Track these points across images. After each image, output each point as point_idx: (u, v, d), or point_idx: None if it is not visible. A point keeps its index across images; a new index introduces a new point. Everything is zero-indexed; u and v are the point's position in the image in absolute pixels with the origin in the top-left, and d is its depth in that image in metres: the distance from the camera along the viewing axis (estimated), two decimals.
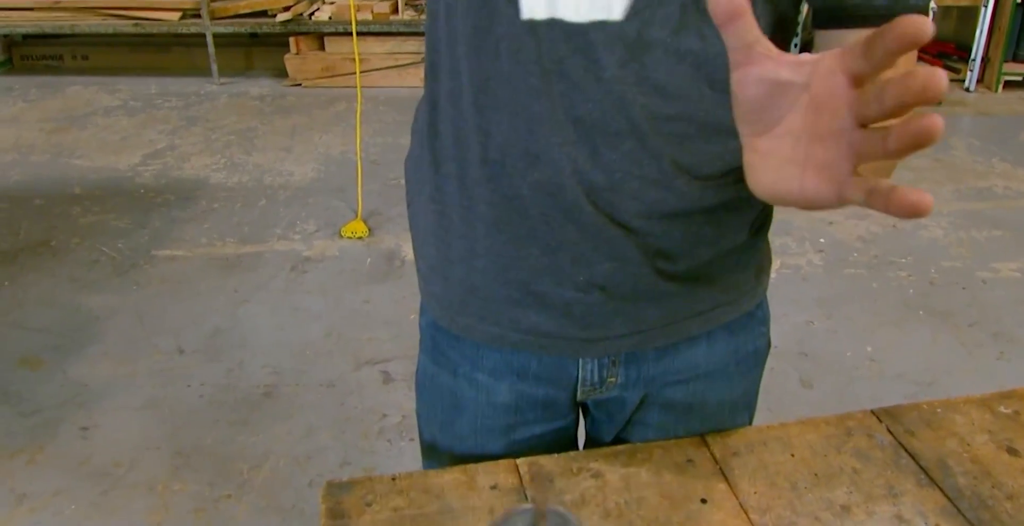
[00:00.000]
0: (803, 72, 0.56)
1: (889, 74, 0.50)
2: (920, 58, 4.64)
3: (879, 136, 0.51)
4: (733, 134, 0.65)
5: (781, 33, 0.86)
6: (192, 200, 3.39)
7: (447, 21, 0.86)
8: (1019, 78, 4.59)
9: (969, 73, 4.62)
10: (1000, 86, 4.59)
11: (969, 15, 4.66)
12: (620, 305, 0.91)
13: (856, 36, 0.80)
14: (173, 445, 2.11)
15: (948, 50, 4.79)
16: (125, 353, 2.46)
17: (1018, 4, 4.48)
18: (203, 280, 2.83)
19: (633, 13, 0.78)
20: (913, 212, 0.49)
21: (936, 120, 0.47)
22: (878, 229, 3.09)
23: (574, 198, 0.85)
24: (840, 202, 0.56)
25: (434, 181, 0.93)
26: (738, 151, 0.65)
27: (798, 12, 0.87)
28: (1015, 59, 4.65)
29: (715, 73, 0.81)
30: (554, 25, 0.79)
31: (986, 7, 4.50)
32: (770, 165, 0.60)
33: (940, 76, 0.46)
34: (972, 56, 4.60)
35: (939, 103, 4.27)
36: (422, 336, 1.03)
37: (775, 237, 2.74)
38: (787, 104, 0.57)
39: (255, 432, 2.15)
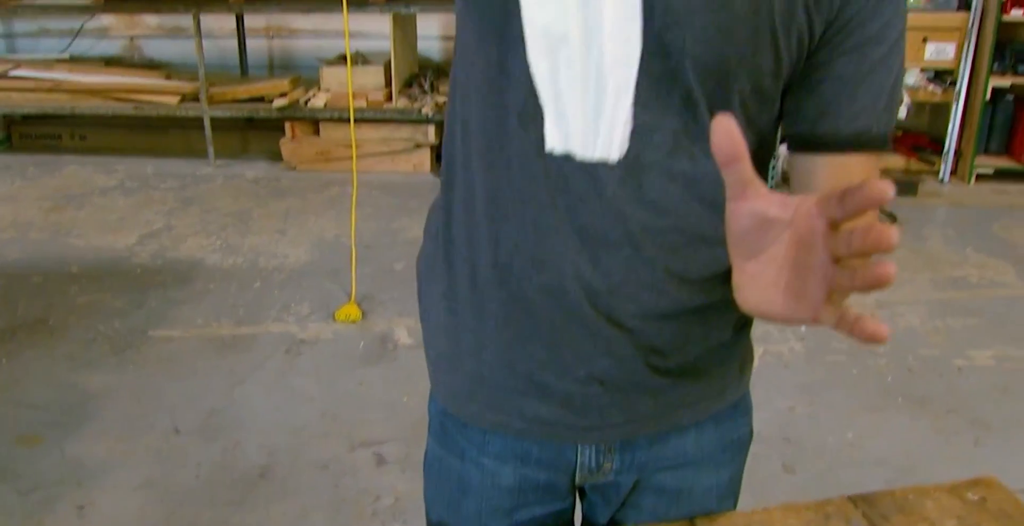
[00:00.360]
0: (788, 211, 0.66)
1: (856, 222, 0.60)
2: (896, 151, 4.83)
3: (849, 272, 0.61)
4: (718, 243, 0.75)
5: (761, 152, 0.97)
6: (188, 281, 3.46)
7: (463, 139, 0.96)
8: (990, 171, 4.76)
9: (943, 166, 4.80)
10: (972, 178, 4.76)
11: (942, 110, 4.86)
12: (616, 397, 1.00)
13: (824, 159, 0.92)
14: (169, 525, 2.14)
15: (922, 143, 4.97)
16: (122, 432, 2.50)
17: (987, 101, 4.68)
18: (199, 360, 2.89)
19: (631, 135, 0.88)
20: (872, 340, 0.60)
21: (889, 268, 0.58)
22: None
23: (576, 300, 0.95)
24: (814, 323, 0.65)
25: (447, 280, 1.02)
26: (723, 258, 0.74)
27: (776, 135, 0.98)
28: (986, 152, 4.83)
29: (704, 191, 0.91)
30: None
31: (957, 103, 4.70)
32: (756, 286, 0.69)
33: (892, 233, 0.56)
34: (945, 149, 4.78)
35: (916, 193, 4.44)
36: (431, 421, 1.11)
37: (758, 324, 2.82)
38: (773, 237, 0.67)
39: (251, 512, 2.18)
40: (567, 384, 0.99)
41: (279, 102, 4.74)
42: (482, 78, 0.91)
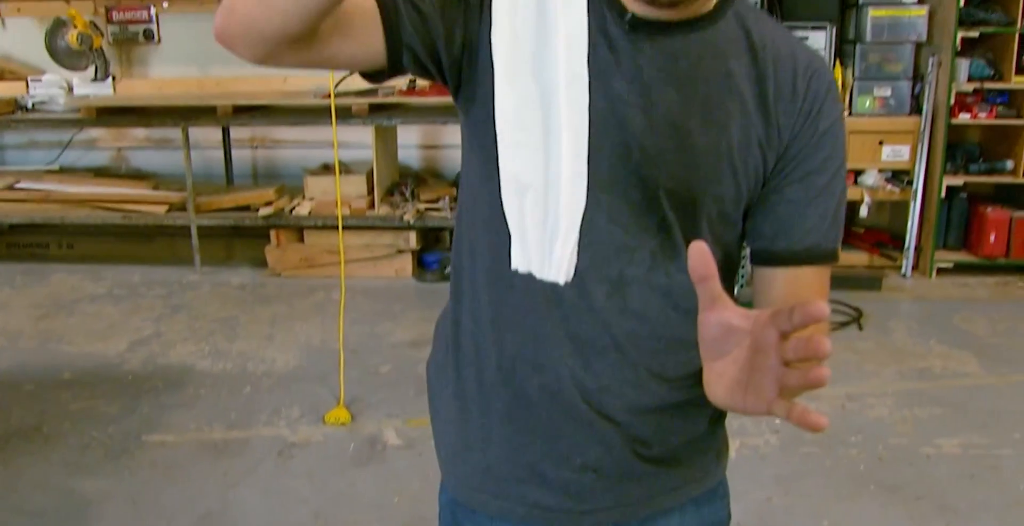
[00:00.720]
0: (748, 322, 0.82)
1: (802, 333, 0.76)
2: (859, 248, 5.03)
3: (797, 373, 0.76)
4: (692, 346, 0.91)
5: (729, 264, 1.13)
6: (179, 386, 3.55)
7: (470, 258, 1.12)
8: (950, 265, 4.97)
9: (905, 261, 5.00)
10: (934, 272, 4.96)
11: (901, 208, 5.09)
12: (608, 483, 1.14)
13: (781, 271, 1.08)
14: None
15: (884, 240, 5.19)
16: None
17: (942, 199, 4.92)
18: (193, 465, 2.96)
19: (613, 256, 1.06)
20: (813, 428, 0.75)
21: (823, 372, 0.74)
22: (829, 409, 3.31)
23: (571, 398, 1.11)
24: (768, 414, 0.80)
25: (456, 382, 1.17)
26: (697, 359, 0.90)
27: (741, 252, 1.15)
28: (945, 247, 5.04)
29: (678, 301, 1.08)
30: None
31: (915, 201, 4.94)
32: (721, 383, 0.84)
33: (825, 344, 0.72)
34: (906, 245, 4.99)
35: (879, 288, 4.62)
36: (441, 512, 1.23)
37: (735, 419, 2.95)
38: (735, 342, 0.82)
39: None
40: (565, 473, 1.12)
41: (265, 211, 4.91)
42: (486, 209, 1.07)
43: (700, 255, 0.82)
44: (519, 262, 0.98)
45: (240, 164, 5.64)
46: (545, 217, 0.92)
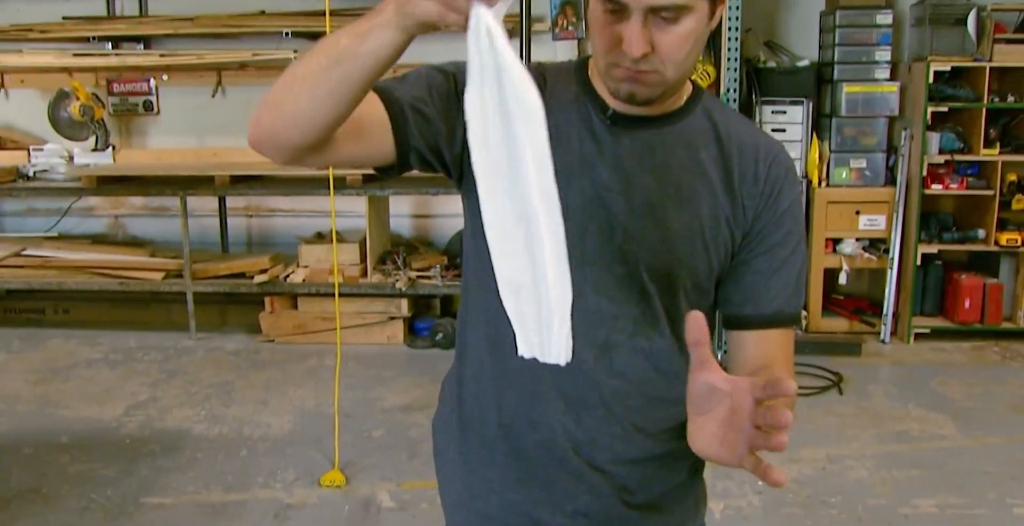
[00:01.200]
0: (729, 386, 0.99)
1: (773, 401, 0.93)
2: (839, 314, 5.16)
3: (763, 436, 0.92)
4: (672, 403, 1.06)
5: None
6: (176, 450, 3.62)
7: (473, 329, 1.29)
8: (927, 330, 5.10)
9: (883, 327, 5.13)
10: (911, 338, 5.09)
11: (878, 276, 5.25)
12: None
13: (751, 334, 1.23)
14: None
15: (863, 306, 5.34)
16: None
17: (918, 266, 5.08)
18: None
19: (600, 323, 1.22)
20: (774, 484, 0.91)
21: (782, 440, 0.90)
22: (810, 471, 3.41)
23: (564, 451, 1.25)
24: (738, 466, 0.95)
25: (460, 438, 1.31)
26: (677, 415, 1.06)
27: (714, 316, 1.29)
28: (922, 313, 5.19)
29: (659, 363, 1.23)
30: None
31: (891, 269, 5.09)
32: (702, 435, 1.00)
33: (788, 416, 0.89)
34: (884, 312, 5.13)
35: (859, 354, 4.74)
36: None
37: (719, 481, 3.08)
38: (717, 401, 0.99)
39: None
40: (559, 518, 1.26)
41: (259, 278, 5.03)
42: (482, 290, 1.24)
43: (697, 323, 0.99)
44: (524, 350, 1.08)
45: (236, 232, 5.77)
46: (539, 310, 1.04)
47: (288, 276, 5.07)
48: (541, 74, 1.25)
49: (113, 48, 5.49)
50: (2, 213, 6.02)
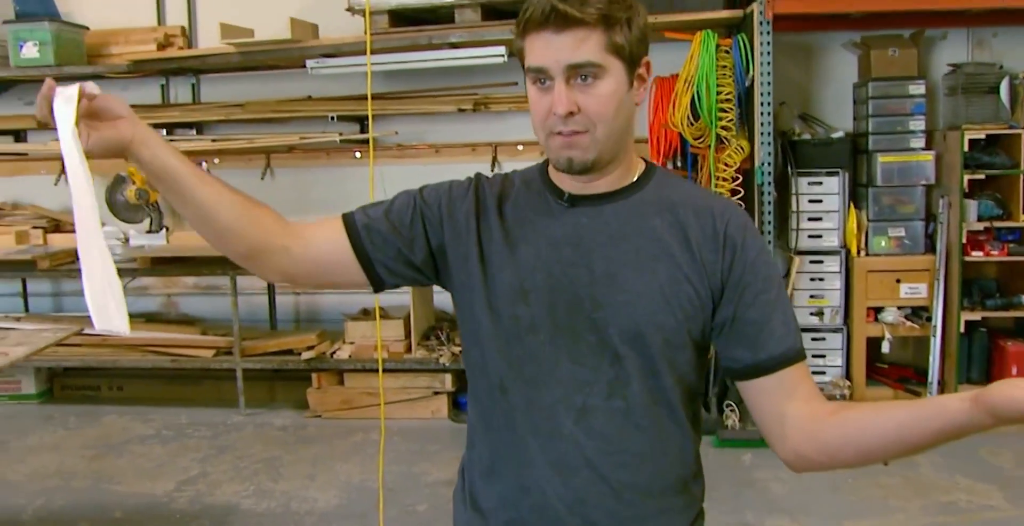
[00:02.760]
0: None
1: None
2: (883, 383, 5.13)
3: None
4: (656, 457, 1.31)
5: (686, 386, 1.41)
6: (225, 525, 3.69)
7: (472, 408, 1.46)
8: None
9: (929, 395, 5.08)
10: None
11: (922, 344, 5.21)
12: None
13: (771, 378, 1.36)
14: None
15: (908, 375, 5.29)
16: None
17: (962, 334, 5.04)
18: None
19: (576, 389, 1.35)
20: None
21: None
22: None
23: (557, 513, 1.38)
24: None
25: (469, 507, 1.48)
26: (667, 470, 1.37)
27: (699, 376, 1.43)
28: (968, 382, 5.12)
29: (639, 419, 1.36)
30: (532, 407, 1.38)
31: (935, 337, 5.06)
32: None
33: None
34: (929, 380, 5.08)
35: None
36: None
37: None
38: None
39: None
40: None
41: (307, 354, 5.14)
42: (475, 377, 1.44)
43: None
44: (98, 326, 1.36)
45: (284, 309, 5.90)
46: (104, 293, 1.34)
47: (335, 352, 5.17)
48: (511, 181, 1.48)
49: (168, 134, 5.72)
50: (62, 293, 6.23)
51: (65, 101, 1.27)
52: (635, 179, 1.41)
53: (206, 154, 5.72)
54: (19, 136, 5.93)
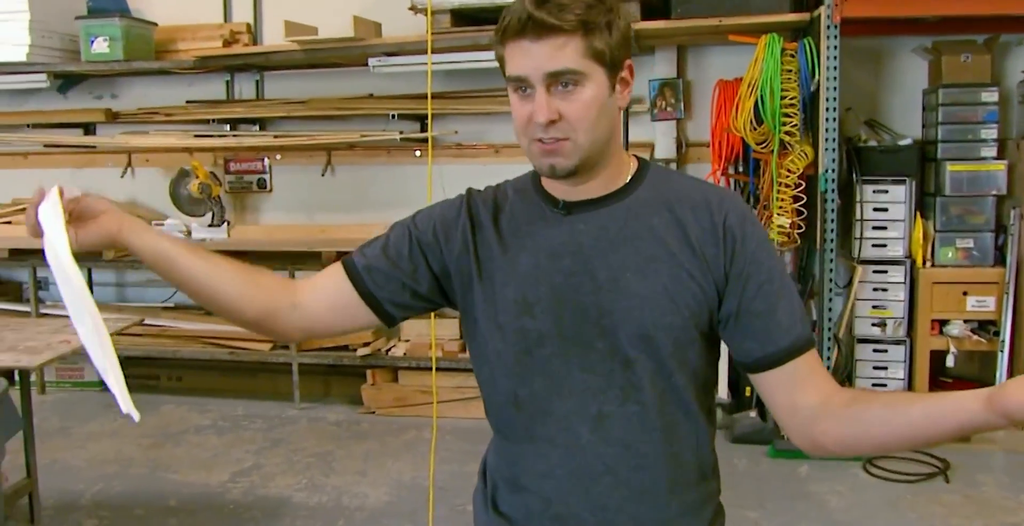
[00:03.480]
0: None
1: None
2: None
3: None
4: (676, 455, 1.33)
5: (700, 379, 1.42)
6: (277, 517, 3.72)
7: (493, 424, 1.50)
8: None
9: None
10: None
11: (989, 359, 5.07)
12: None
13: (783, 369, 1.35)
14: None
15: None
16: None
17: None
18: None
19: (591, 397, 1.35)
20: None
21: None
22: None
23: (578, 521, 1.39)
24: None
25: (492, 514, 1.49)
26: (687, 469, 1.36)
27: (712, 370, 1.43)
28: None
29: (653, 421, 1.35)
30: (547, 418, 1.39)
31: (1002, 352, 4.93)
32: None
33: None
34: None
35: (968, 440, 4.57)
36: None
37: None
38: None
39: None
40: None
41: (362, 351, 5.17)
42: (497, 397, 1.46)
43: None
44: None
45: None
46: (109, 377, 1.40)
47: (390, 349, 5.19)
48: (503, 192, 1.49)
49: (231, 130, 5.80)
50: (125, 283, 6.34)
51: (51, 205, 1.33)
52: (628, 180, 1.40)
53: (268, 150, 5.79)
54: (88, 129, 6.04)
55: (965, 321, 5.02)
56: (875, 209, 4.93)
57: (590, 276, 1.34)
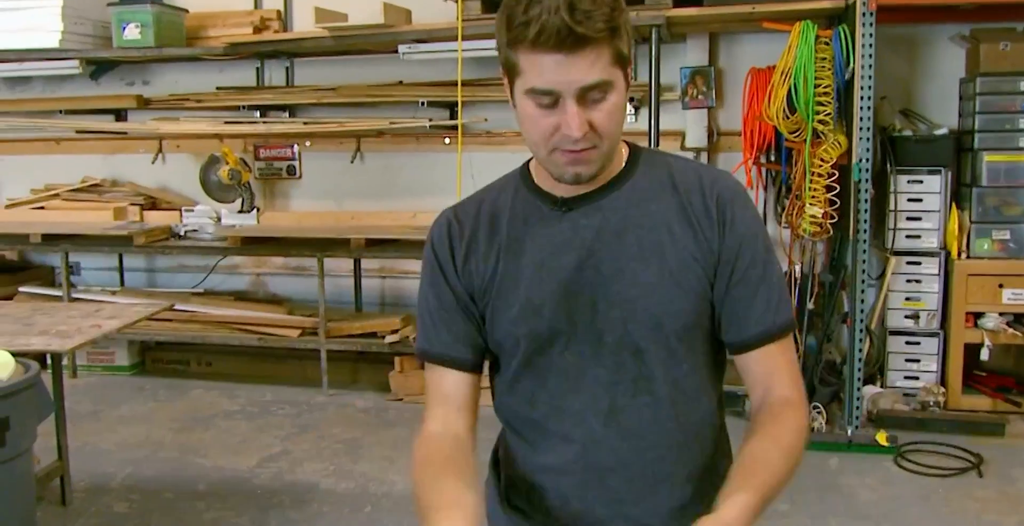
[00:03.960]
0: None
1: None
2: (981, 391, 4.93)
3: None
4: (682, 446, 1.33)
5: (711, 360, 1.43)
6: (304, 503, 3.74)
7: (505, 419, 1.52)
8: None
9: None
10: None
11: None
12: None
13: (751, 354, 1.37)
14: None
15: (1008, 384, 5.08)
16: None
17: None
18: None
19: (603, 391, 1.35)
20: None
21: None
22: None
23: (594, 515, 1.39)
24: None
25: (507, 508, 1.52)
26: (699, 457, 1.37)
27: (718, 356, 1.44)
28: None
29: (668, 410, 1.35)
30: (561, 415, 1.39)
31: None
32: None
33: None
34: None
35: (1003, 434, 4.51)
36: None
37: None
38: None
39: None
40: None
41: (391, 338, 5.17)
42: (511, 398, 1.48)
43: None
44: None
45: (369, 292, 5.95)
46: None
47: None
48: (489, 199, 1.45)
49: (261, 116, 5.82)
50: (155, 269, 6.39)
51: None
52: (623, 167, 1.39)
53: (298, 137, 5.80)
54: (120, 115, 6.07)
55: (1000, 314, 4.95)
56: (909, 200, 4.87)
57: (595, 269, 1.34)
